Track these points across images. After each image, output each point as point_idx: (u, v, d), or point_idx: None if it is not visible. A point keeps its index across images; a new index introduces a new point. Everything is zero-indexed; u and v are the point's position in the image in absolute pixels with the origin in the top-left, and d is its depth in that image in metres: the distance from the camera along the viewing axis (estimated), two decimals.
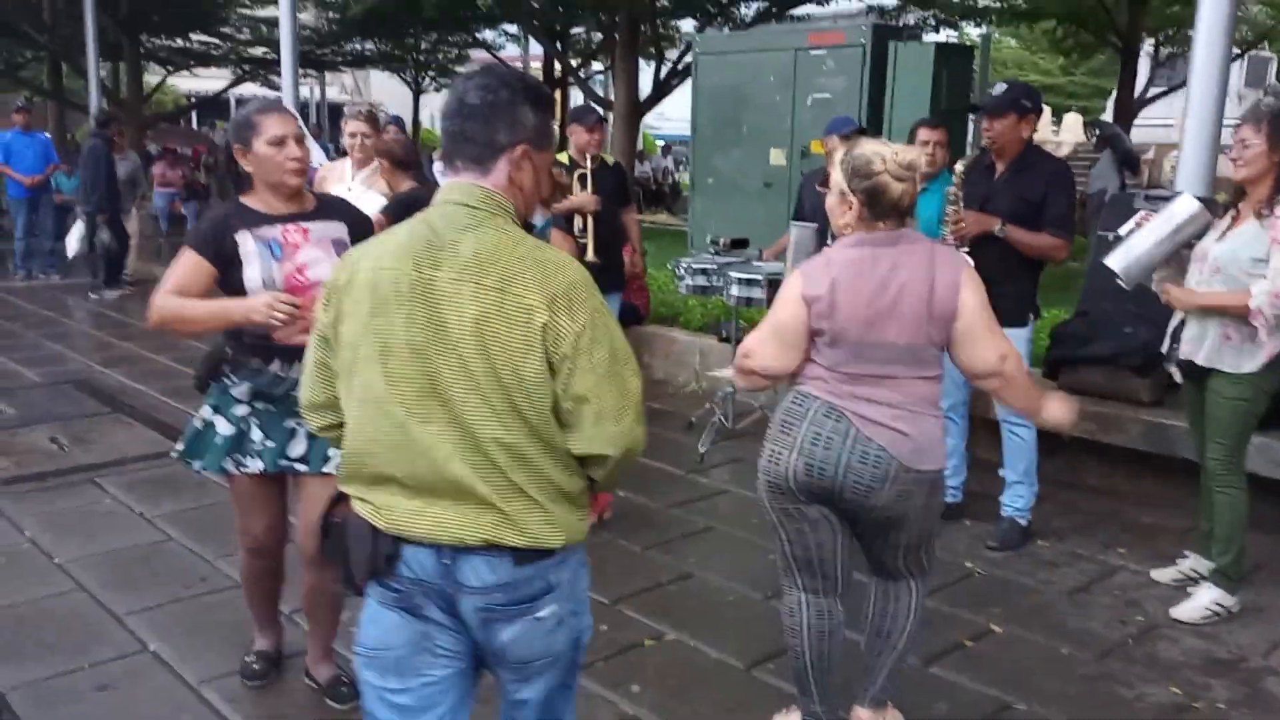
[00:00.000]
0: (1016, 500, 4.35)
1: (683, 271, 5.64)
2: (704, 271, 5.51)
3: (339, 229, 2.92)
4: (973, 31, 19.40)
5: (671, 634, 3.53)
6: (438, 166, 7.97)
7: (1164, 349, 3.83)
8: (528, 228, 1.88)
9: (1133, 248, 3.67)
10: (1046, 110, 29.98)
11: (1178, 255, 3.66)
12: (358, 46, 20.63)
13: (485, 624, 1.82)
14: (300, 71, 16.83)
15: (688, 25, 16.01)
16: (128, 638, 3.48)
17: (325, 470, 2.90)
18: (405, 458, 1.77)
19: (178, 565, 3.59)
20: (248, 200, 2.89)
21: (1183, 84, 19.95)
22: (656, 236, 11.38)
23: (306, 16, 18.62)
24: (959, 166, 4.16)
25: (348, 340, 1.81)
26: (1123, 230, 3.77)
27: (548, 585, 1.83)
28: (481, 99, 1.79)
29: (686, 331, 7.07)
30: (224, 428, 2.95)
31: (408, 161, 4.46)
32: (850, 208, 2.56)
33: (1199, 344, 3.62)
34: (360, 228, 2.93)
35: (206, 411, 2.98)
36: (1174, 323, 3.78)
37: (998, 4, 16.86)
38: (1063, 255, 4.14)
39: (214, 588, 3.84)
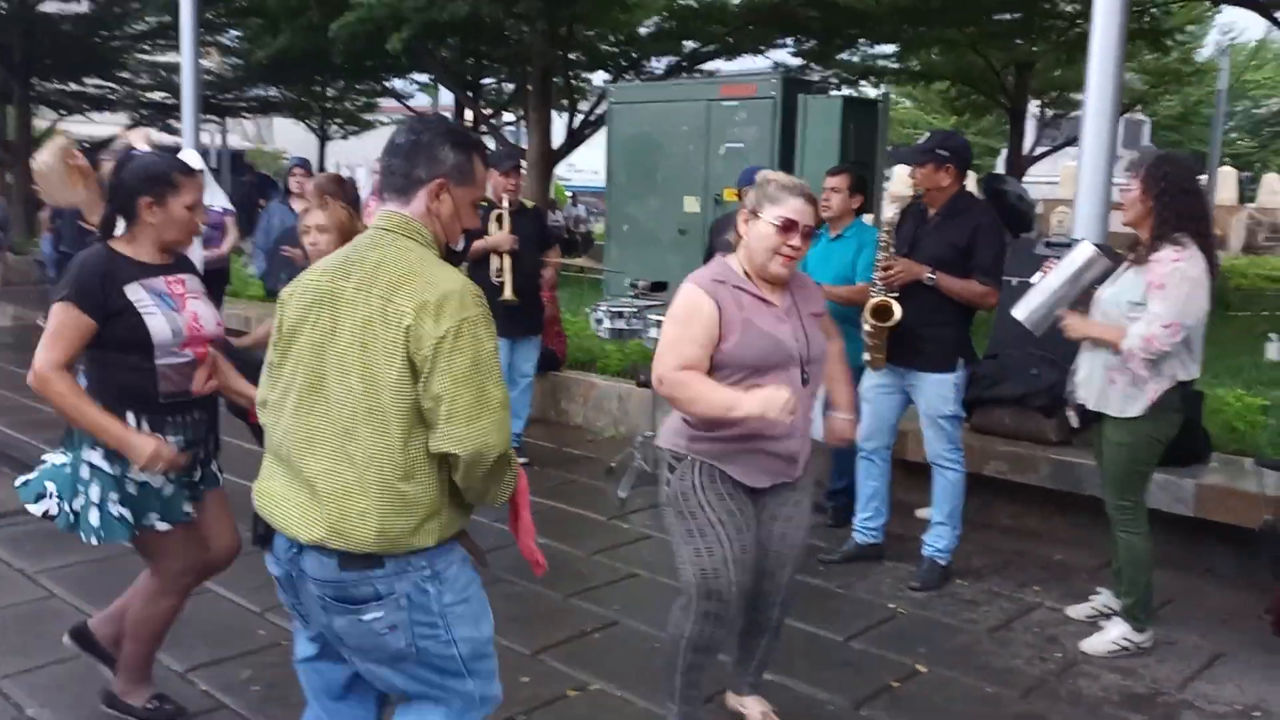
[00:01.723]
0: (939, 540, 4.39)
1: (601, 315, 5.61)
2: (621, 315, 5.50)
3: (196, 280, 2.95)
4: (871, 91, 20.08)
5: (596, 684, 3.44)
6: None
7: (1066, 392, 3.93)
8: (453, 255, 2.14)
9: (1038, 294, 3.78)
10: None
11: (1083, 301, 3.75)
12: (262, 93, 20.29)
13: (321, 609, 2.04)
14: (201, 117, 16.46)
15: (600, 78, 16.21)
16: (3, 704, 3.24)
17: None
18: (288, 444, 2.02)
19: (62, 625, 3.35)
20: (121, 249, 2.79)
21: (1066, 143, 21.06)
22: (573, 283, 11.37)
23: (209, 62, 18.26)
24: (889, 214, 4.24)
25: (282, 341, 2.08)
26: (1033, 279, 3.88)
27: (375, 593, 1.98)
28: (406, 139, 2.09)
29: (604, 377, 7.02)
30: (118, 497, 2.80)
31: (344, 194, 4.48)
32: None
33: (1089, 387, 3.70)
34: (199, 276, 2.99)
35: (95, 492, 2.76)
36: (1075, 365, 3.89)
37: (895, 65, 17.53)
38: (992, 302, 4.22)
39: None
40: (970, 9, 13.40)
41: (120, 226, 2.82)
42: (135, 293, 2.71)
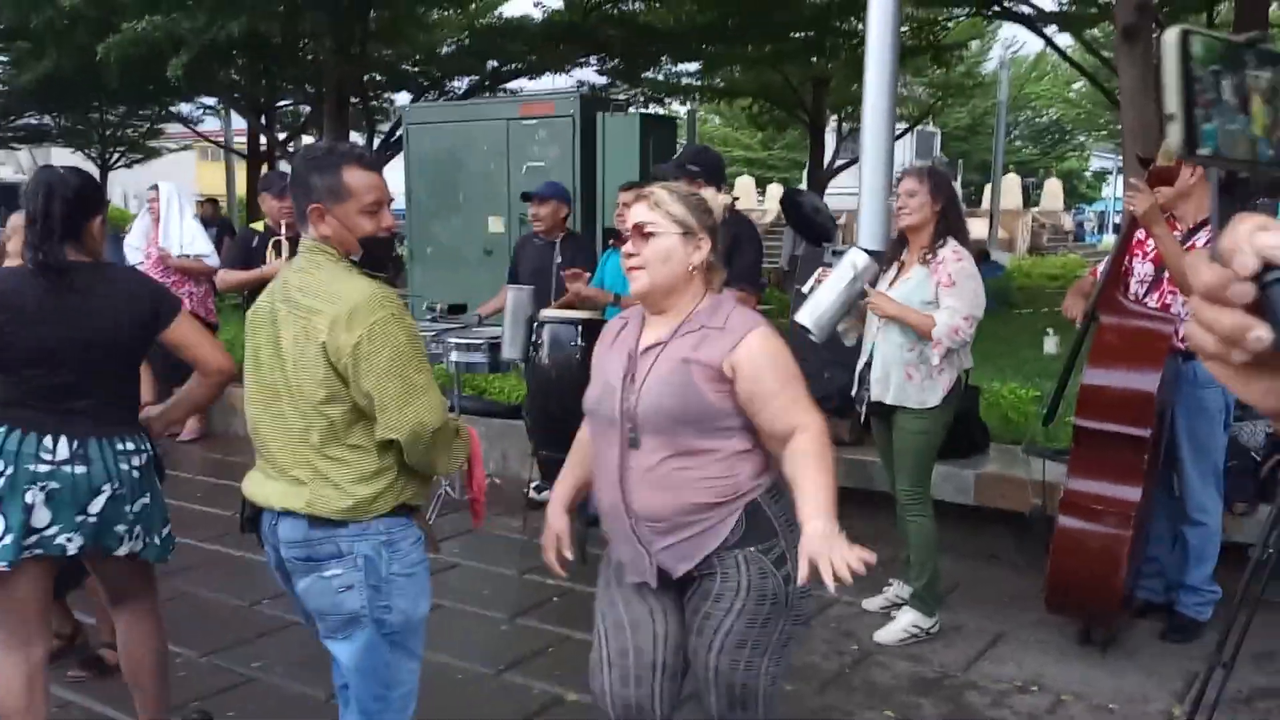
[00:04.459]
0: None
1: None
2: (420, 338, 5.34)
3: None
4: (681, 109, 20.51)
5: None
6: (128, 242, 7.36)
7: (853, 392, 4.08)
8: (379, 255, 2.36)
9: (818, 303, 3.90)
10: (749, 180, 32.39)
11: (856, 305, 3.90)
12: (34, 120, 18.86)
13: (291, 573, 2.35)
14: None
15: (403, 98, 15.89)
16: None
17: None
18: (261, 443, 2.36)
19: None
20: None
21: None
22: None
23: None
24: None
25: (249, 358, 2.38)
26: (805, 288, 4.00)
27: (337, 550, 2.27)
28: (289, 175, 2.38)
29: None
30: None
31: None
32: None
33: (886, 385, 3.87)
34: None
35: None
36: (859, 366, 4.04)
37: (699, 83, 18.00)
38: (752, 305, 4.32)
39: None
40: (765, 28, 13.90)
41: None
42: None
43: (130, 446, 2.76)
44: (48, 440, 2.64)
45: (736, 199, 21.71)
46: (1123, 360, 3.59)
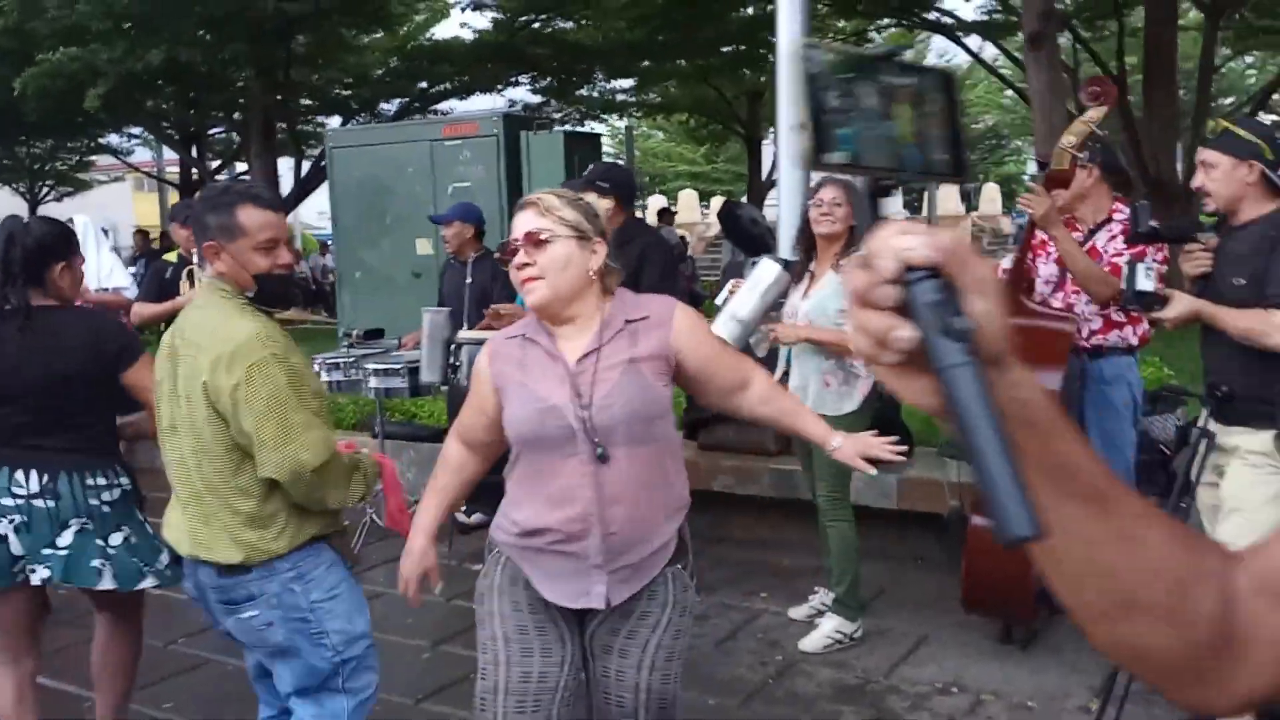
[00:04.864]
0: None
1: (317, 368, 5.36)
2: (338, 366, 5.28)
3: None
4: (620, 125, 20.60)
5: None
6: None
7: None
8: (274, 291, 2.42)
9: (732, 314, 3.91)
10: (693, 194, 32.58)
11: (767, 315, 3.92)
12: None
13: (217, 611, 2.43)
14: None
15: (335, 122, 15.76)
16: None
17: None
18: (169, 475, 2.42)
19: None
20: None
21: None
22: (310, 337, 10.91)
23: None
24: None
25: (157, 391, 2.45)
26: (719, 300, 4.01)
27: (249, 594, 2.35)
28: (190, 216, 2.51)
29: (339, 431, 6.73)
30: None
31: None
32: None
33: (804, 393, 3.89)
34: None
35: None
36: (777, 375, 4.04)
37: (633, 99, 18.08)
38: None
39: None
40: (695, 43, 14.00)
41: None
42: None
43: (101, 481, 2.84)
44: (19, 474, 2.76)
45: (675, 211, 21.68)
46: (1026, 360, 3.61)
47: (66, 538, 2.76)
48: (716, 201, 32.11)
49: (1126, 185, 4.29)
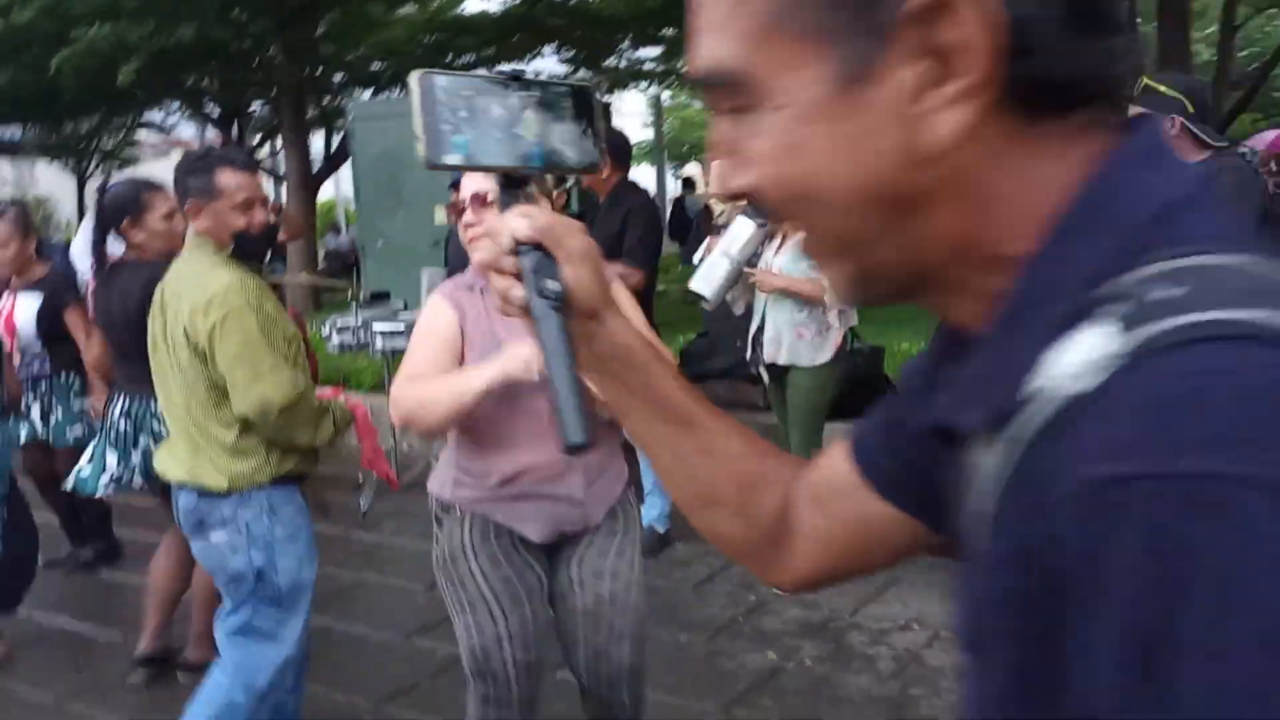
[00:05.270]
0: (652, 510, 4.62)
1: (328, 330, 5.62)
2: (348, 328, 5.52)
3: None
4: (656, 92, 20.65)
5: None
6: (74, 249, 7.50)
7: (747, 356, 4.26)
8: (252, 245, 2.70)
9: (708, 271, 4.06)
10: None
11: (741, 272, 4.07)
12: (6, 135, 18.97)
13: (191, 536, 2.67)
14: None
15: (366, 97, 15.99)
16: None
17: None
18: (165, 415, 2.72)
19: None
20: None
21: None
22: (342, 305, 11.21)
23: None
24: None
25: (151, 338, 2.70)
26: (695, 257, 4.17)
27: (221, 518, 2.58)
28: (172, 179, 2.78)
29: (358, 393, 6.98)
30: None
31: None
32: None
33: (778, 345, 4.06)
34: None
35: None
36: (752, 330, 4.21)
37: (661, 68, 18.08)
38: (633, 282, 4.42)
39: None
40: None
41: None
42: None
43: (154, 408, 3.34)
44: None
45: (697, 181, 21.47)
46: None
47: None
48: None
49: None
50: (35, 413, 4.55)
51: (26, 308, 4.42)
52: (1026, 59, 0.52)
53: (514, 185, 0.82)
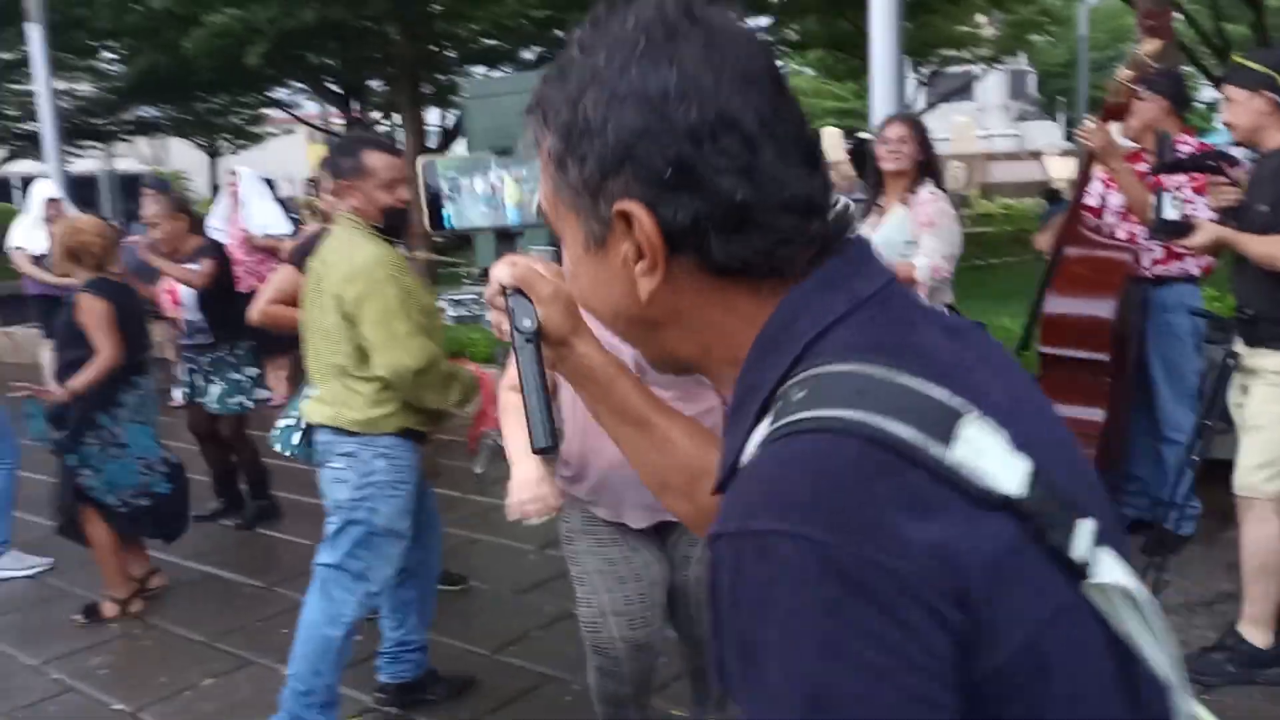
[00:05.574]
0: None
1: (443, 304, 5.93)
2: (461, 302, 5.82)
3: None
4: None
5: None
6: (210, 224, 7.98)
7: None
8: (397, 220, 2.96)
9: None
10: (835, 131, 31.89)
11: None
12: (143, 114, 20.04)
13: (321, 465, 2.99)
14: (77, 144, 16.11)
15: (481, 73, 16.32)
16: None
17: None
18: (311, 369, 3.01)
19: None
20: None
21: (947, 98, 21.54)
22: (454, 282, 11.58)
23: (84, 86, 18.00)
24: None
25: (304, 302, 3.00)
26: None
27: (344, 451, 2.89)
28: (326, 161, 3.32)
29: (473, 363, 7.28)
30: None
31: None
32: None
33: None
34: None
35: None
36: None
37: (770, 37, 17.95)
38: None
39: None
40: None
41: None
42: None
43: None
44: None
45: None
46: (1081, 289, 3.79)
47: None
48: (828, 132, 31.26)
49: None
50: (199, 380, 4.93)
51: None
52: (688, 252, 0.75)
53: (505, 238, 1.02)
